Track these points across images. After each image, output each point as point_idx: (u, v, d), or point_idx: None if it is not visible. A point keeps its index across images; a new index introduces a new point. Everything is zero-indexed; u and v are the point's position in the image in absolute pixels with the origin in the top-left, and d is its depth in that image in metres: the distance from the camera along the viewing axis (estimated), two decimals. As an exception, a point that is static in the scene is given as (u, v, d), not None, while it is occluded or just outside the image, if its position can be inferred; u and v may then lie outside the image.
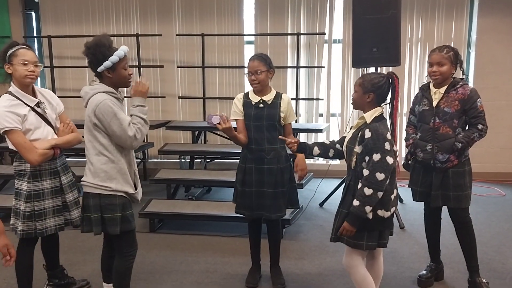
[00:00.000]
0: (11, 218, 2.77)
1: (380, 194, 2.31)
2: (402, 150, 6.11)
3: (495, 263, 3.54)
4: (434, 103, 2.92)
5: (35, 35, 6.50)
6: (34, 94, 2.73)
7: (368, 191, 2.31)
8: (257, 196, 3.04)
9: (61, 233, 2.95)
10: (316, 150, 2.77)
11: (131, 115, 2.51)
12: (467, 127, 2.95)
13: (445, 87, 2.91)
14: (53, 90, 6.12)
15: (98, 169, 2.46)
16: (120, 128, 2.40)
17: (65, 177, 2.84)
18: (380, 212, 2.37)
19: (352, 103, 2.57)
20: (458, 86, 2.89)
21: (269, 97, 3.03)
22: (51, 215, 2.76)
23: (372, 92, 2.42)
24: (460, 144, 2.86)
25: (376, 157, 2.31)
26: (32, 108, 2.66)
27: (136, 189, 2.61)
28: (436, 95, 2.94)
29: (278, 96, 3.06)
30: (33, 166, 2.66)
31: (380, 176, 2.30)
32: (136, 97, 2.54)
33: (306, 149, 2.80)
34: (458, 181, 2.93)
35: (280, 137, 2.94)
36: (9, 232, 2.76)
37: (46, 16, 6.27)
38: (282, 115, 3.02)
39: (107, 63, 2.41)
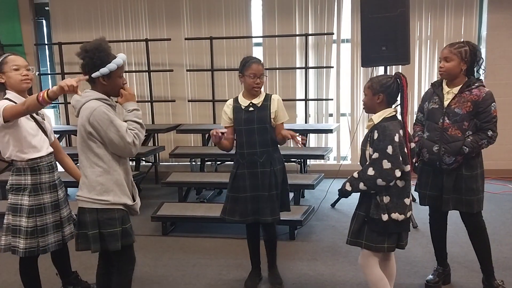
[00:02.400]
0: (4, 238, 2.63)
1: (362, 185, 2.40)
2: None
3: (510, 262, 3.50)
4: (445, 103, 2.79)
5: (46, 42, 6.58)
6: None
7: (355, 175, 2.45)
8: (252, 201, 3.01)
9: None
10: None
11: (125, 121, 2.35)
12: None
13: (459, 87, 2.78)
14: (65, 96, 6.19)
15: (94, 182, 2.29)
16: (117, 135, 2.24)
17: (61, 191, 2.78)
18: (394, 216, 2.40)
19: (363, 108, 2.59)
20: (473, 87, 2.75)
21: (258, 100, 3.00)
22: (51, 230, 2.68)
23: (381, 93, 2.45)
24: (467, 149, 2.72)
25: (375, 155, 2.38)
26: (31, 115, 2.60)
27: (134, 200, 2.44)
28: (449, 95, 2.81)
29: (267, 98, 3.02)
30: (34, 179, 2.60)
31: (370, 171, 2.37)
32: (128, 102, 2.38)
33: None
34: (471, 185, 2.80)
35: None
36: (6, 254, 2.66)
37: (57, 23, 6.35)
38: (272, 116, 2.99)
39: (104, 70, 2.25)
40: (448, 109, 2.78)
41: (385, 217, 2.39)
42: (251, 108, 2.99)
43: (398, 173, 2.36)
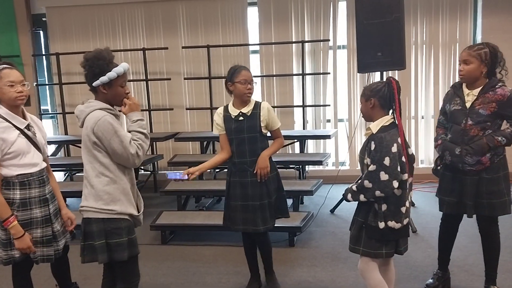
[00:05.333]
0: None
1: (362, 197, 2.43)
2: (418, 155, 6.11)
3: (510, 265, 3.49)
4: (468, 104, 2.75)
5: (43, 53, 6.60)
6: (24, 116, 2.61)
7: (354, 188, 2.48)
8: (242, 210, 3.03)
9: (74, 247, 2.93)
10: None
11: (129, 131, 2.36)
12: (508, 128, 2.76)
13: (479, 88, 2.73)
14: (63, 106, 6.22)
15: (101, 191, 2.29)
16: (121, 146, 2.25)
17: (52, 205, 2.67)
18: (391, 224, 2.42)
19: (362, 117, 2.60)
20: (497, 86, 2.71)
21: (248, 109, 3.00)
22: (38, 245, 2.57)
23: (372, 97, 2.47)
24: (504, 139, 2.68)
25: (372, 167, 2.39)
26: (22, 131, 2.53)
27: (139, 211, 2.44)
28: (469, 96, 2.76)
29: (257, 106, 3.01)
30: (23, 194, 2.52)
31: (367, 184, 2.40)
32: (133, 112, 2.37)
33: None
34: (491, 188, 2.75)
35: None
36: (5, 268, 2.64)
37: (54, 34, 6.37)
38: (262, 124, 2.99)
39: (103, 78, 2.27)
40: (472, 110, 2.74)
41: (381, 224, 2.41)
42: (240, 118, 2.99)
43: (395, 184, 2.37)
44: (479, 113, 2.72)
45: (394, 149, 2.38)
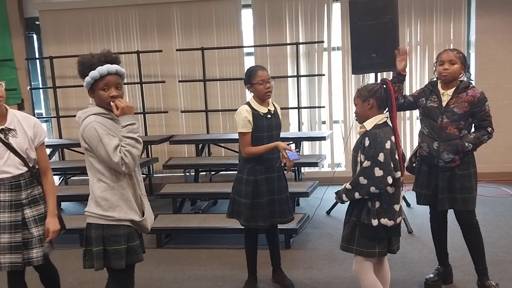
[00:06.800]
0: None
1: (357, 194, 2.44)
2: (407, 153, 6.11)
3: (505, 264, 3.51)
4: (444, 103, 2.92)
5: (37, 56, 6.57)
6: (5, 119, 2.51)
7: (348, 187, 2.49)
8: (268, 205, 3.09)
9: (70, 252, 2.92)
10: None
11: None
12: (472, 129, 2.98)
13: (453, 89, 2.92)
14: (57, 109, 6.19)
15: (99, 198, 2.25)
16: (105, 153, 2.18)
17: (30, 210, 2.54)
18: (383, 221, 2.44)
19: (356, 119, 2.62)
20: (468, 88, 2.91)
21: (271, 107, 3.15)
22: (6, 251, 2.46)
23: (370, 98, 2.50)
24: (470, 145, 2.87)
25: (366, 163, 2.41)
26: None
27: (143, 215, 2.35)
28: (445, 96, 2.94)
29: (274, 105, 3.22)
30: None
31: (362, 180, 2.41)
32: (123, 116, 2.24)
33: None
34: (465, 184, 2.92)
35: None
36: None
37: (47, 37, 6.34)
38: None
39: (84, 84, 2.27)
40: (447, 109, 2.91)
41: (375, 222, 2.43)
42: (269, 115, 3.10)
43: (390, 180, 2.40)
44: (453, 111, 2.89)
45: (388, 145, 2.41)
